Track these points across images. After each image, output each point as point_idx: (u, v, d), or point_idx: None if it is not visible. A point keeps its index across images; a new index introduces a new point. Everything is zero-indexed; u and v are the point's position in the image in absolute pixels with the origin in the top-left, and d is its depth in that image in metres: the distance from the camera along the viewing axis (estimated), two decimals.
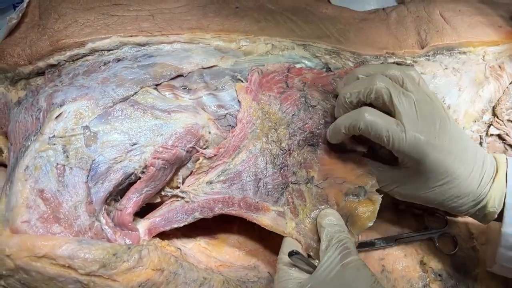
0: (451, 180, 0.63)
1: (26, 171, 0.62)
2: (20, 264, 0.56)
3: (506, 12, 0.88)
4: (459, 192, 0.64)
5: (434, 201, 0.66)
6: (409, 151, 0.61)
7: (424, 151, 0.60)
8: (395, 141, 0.60)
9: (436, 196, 0.65)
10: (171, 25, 0.75)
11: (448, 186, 0.63)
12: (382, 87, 0.61)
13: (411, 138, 0.60)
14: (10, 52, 0.73)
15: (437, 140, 0.61)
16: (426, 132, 0.61)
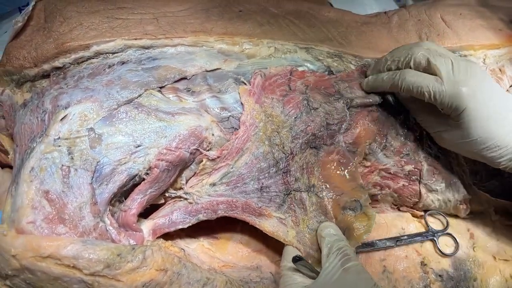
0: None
1: (31, 173, 0.62)
2: (25, 264, 0.56)
3: (506, 16, 0.88)
4: (499, 142, 0.65)
5: (475, 149, 0.67)
6: (449, 102, 0.65)
7: (463, 101, 0.64)
8: (436, 94, 0.65)
9: (476, 145, 0.66)
10: (175, 28, 0.75)
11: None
12: (420, 53, 0.68)
13: (450, 89, 0.65)
14: (16, 54, 0.73)
15: (477, 92, 0.64)
16: (464, 83, 0.64)
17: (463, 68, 0.65)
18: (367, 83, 0.74)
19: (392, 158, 0.73)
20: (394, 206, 0.79)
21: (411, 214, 0.79)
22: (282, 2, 0.86)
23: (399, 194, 0.76)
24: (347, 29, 0.85)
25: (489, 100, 0.64)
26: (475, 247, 0.76)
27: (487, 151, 0.66)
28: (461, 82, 0.64)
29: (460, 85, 0.64)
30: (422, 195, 0.76)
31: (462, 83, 0.64)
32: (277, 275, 0.68)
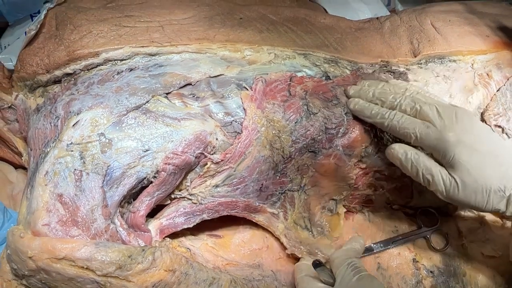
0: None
1: (46, 176, 0.61)
2: (41, 265, 0.56)
3: (493, 22, 0.88)
4: (492, 186, 0.61)
5: (468, 197, 0.63)
6: (436, 145, 0.62)
7: (450, 147, 0.61)
8: (423, 135, 0.63)
9: (470, 192, 0.62)
10: (180, 36, 0.74)
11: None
12: (407, 101, 0.67)
13: (437, 133, 0.62)
14: (29, 61, 0.72)
15: (464, 137, 0.62)
16: (450, 129, 0.62)
17: (449, 113, 0.64)
18: (354, 107, 0.71)
19: (386, 160, 0.73)
20: (387, 205, 0.78)
21: (403, 212, 0.79)
22: (280, 9, 0.85)
23: (392, 194, 0.76)
24: (342, 35, 0.84)
25: (477, 144, 0.62)
26: (464, 243, 0.76)
27: (475, 201, 0.62)
28: (447, 127, 0.62)
29: (446, 131, 0.62)
30: (414, 194, 0.76)
31: (449, 128, 0.62)
32: (278, 273, 0.68)
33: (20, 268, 0.57)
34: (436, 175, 0.62)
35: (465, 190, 0.61)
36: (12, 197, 0.73)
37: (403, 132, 0.65)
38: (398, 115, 0.66)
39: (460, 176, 0.61)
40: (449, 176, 0.62)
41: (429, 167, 0.63)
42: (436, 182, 0.62)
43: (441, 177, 0.62)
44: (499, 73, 0.81)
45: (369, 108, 0.69)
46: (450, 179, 0.62)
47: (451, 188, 0.62)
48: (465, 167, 0.61)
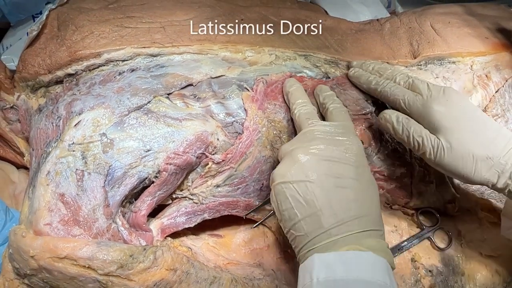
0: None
1: (47, 176, 0.61)
2: (43, 265, 0.56)
3: (492, 24, 0.88)
4: (476, 157, 0.60)
5: (452, 165, 0.62)
6: (422, 113, 0.64)
7: (435, 118, 0.62)
8: (410, 102, 0.65)
9: (454, 161, 0.62)
10: (181, 37, 0.74)
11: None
12: (402, 74, 0.70)
13: (423, 102, 0.64)
14: (31, 62, 0.72)
15: (450, 110, 0.62)
16: (437, 101, 0.63)
17: (438, 88, 0.65)
18: (352, 74, 0.74)
19: (386, 161, 0.73)
20: (387, 205, 0.78)
21: (403, 212, 0.79)
22: (281, 10, 0.85)
23: (391, 194, 0.76)
24: (343, 36, 0.84)
25: (462, 118, 0.62)
26: (463, 243, 0.76)
27: (462, 168, 0.61)
28: (434, 97, 0.64)
29: (432, 99, 0.63)
30: (413, 195, 0.76)
31: (434, 98, 0.64)
32: (278, 272, 0.68)
33: (22, 267, 0.57)
34: (425, 136, 0.63)
35: (452, 153, 0.61)
36: (14, 196, 0.73)
37: (393, 98, 0.67)
38: (391, 84, 0.69)
39: (446, 139, 0.61)
40: (437, 139, 0.62)
41: (418, 130, 0.63)
42: (425, 143, 0.62)
43: (429, 139, 0.62)
44: (498, 75, 0.81)
45: (366, 75, 0.72)
46: (437, 141, 0.62)
47: (438, 150, 0.62)
48: (450, 131, 0.61)
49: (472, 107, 0.64)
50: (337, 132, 0.61)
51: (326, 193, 0.55)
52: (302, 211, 0.55)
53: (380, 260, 0.52)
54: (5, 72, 0.77)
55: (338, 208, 0.55)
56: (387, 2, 1.18)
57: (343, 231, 0.54)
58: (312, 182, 0.56)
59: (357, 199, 0.56)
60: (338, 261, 0.52)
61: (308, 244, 0.55)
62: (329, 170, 0.57)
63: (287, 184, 0.57)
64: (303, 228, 0.55)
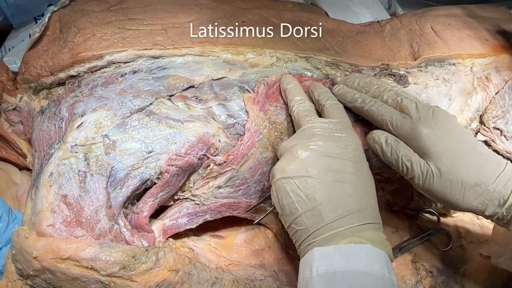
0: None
1: (50, 178, 0.62)
2: (46, 265, 0.56)
3: (492, 26, 0.88)
4: (465, 184, 0.60)
5: (440, 192, 0.62)
6: (410, 135, 0.63)
7: (423, 141, 0.61)
8: (398, 123, 0.64)
9: (441, 187, 0.61)
10: (183, 39, 0.74)
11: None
12: (390, 92, 0.68)
13: (411, 124, 0.63)
14: (33, 64, 0.72)
15: (437, 133, 0.62)
16: (425, 123, 0.62)
17: (427, 109, 0.64)
18: (337, 91, 0.71)
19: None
20: (387, 206, 0.79)
21: (403, 213, 0.79)
22: (282, 12, 0.86)
23: (392, 196, 0.76)
24: (344, 38, 0.84)
25: (451, 143, 0.61)
26: (463, 244, 0.76)
27: (451, 195, 0.61)
28: (422, 120, 0.62)
29: (421, 122, 0.62)
30: (413, 197, 0.76)
31: (423, 121, 0.62)
32: (279, 273, 0.68)
33: (25, 268, 0.58)
34: (414, 160, 0.62)
35: (441, 179, 0.60)
36: (17, 198, 0.74)
37: (380, 119, 0.66)
38: (378, 103, 0.67)
39: (435, 164, 0.60)
40: (426, 164, 0.61)
41: (408, 154, 0.63)
42: (414, 168, 0.62)
43: (419, 163, 0.62)
44: (498, 76, 0.81)
45: (351, 93, 0.70)
46: (427, 166, 0.61)
47: (427, 176, 0.61)
48: (439, 157, 0.60)
49: (461, 130, 0.64)
50: (335, 129, 0.62)
51: (326, 188, 0.56)
52: (303, 206, 0.56)
53: (379, 252, 0.53)
54: (7, 74, 0.77)
55: (338, 202, 0.56)
56: (388, 4, 1.18)
57: (343, 225, 0.55)
58: (312, 177, 0.57)
59: (356, 193, 0.57)
60: (338, 254, 0.53)
61: (308, 238, 0.56)
62: (328, 166, 0.58)
63: (288, 179, 0.58)
64: (304, 222, 0.56)
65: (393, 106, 0.67)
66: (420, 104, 0.65)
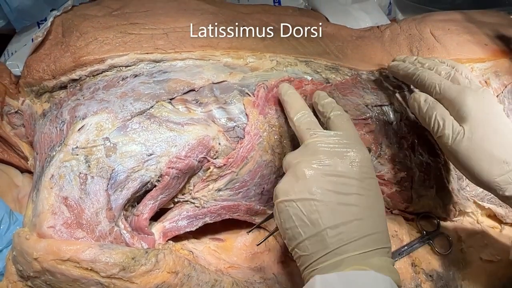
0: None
1: (51, 180, 0.62)
2: (46, 267, 0.56)
3: (491, 31, 0.88)
4: (494, 159, 0.60)
5: (466, 159, 0.61)
6: (455, 99, 0.63)
7: (467, 108, 0.62)
8: (446, 87, 0.64)
9: (470, 155, 0.61)
10: (184, 43, 0.75)
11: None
12: (444, 66, 0.70)
13: (459, 91, 0.63)
14: (36, 67, 0.73)
15: (481, 106, 0.62)
16: (473, 94, 0.63)
17: (478, 86, 0.65)
18: (392, 64, 0.75)
19: (386, 165, 0.73)
20: (387, 210, 0.78)
21: (403, 217, 0.79)
22: (283, 17, 0.86)
23: (392, 198, 0.76)
24: (343, 43, 0.85)
25: (492, 117, 0.61)
26: (463, 248, 0.76)
27: (476, 162, 0.60)
28: (472, 92, 0.62)
29: (468, 92, 0.62)
30: (413, 199, 0.76)
31: (471, 91, 0.63)
32: (279, 276, 0.68)
33: (25, 269, 0.58)
34: (448, 119, 0.62)
35: (471, 143, 0.60)
36: (18, 200, 0.74)
37: (429, 83, 0.67)
38: (430, 72, 0.69)
39: (469, 127, 0.60)
40: (460, 126, 0.62)
41: (443, 113, 0.63)
42: (446, 125, 0.62)
43: (452, 122, 0.62)
44: (497, 81, 0.81)
45: (404, 65, 0.73)
46: (459, 127, 0.61)
47: (457, 136, 0.61)
48: (477, 124, 0.60)
49: (503, 114, 0.63)
50: (341, 143, 0.58)
51: (330, 212, 0.53)
52: (306, 231, 0.54)
53: (383, 278, 0.50)
54: (10, 78, 0.78)
55: (343, 228, 0.53)
56: (388, 10, 1.19)
57: (348, 251, 0.52)
58: (316, 200, 0.54)
59: (362, 217, 0.54)
60: (339, 282, 0.50)
61: (312, 264, 0.54)
62: (333, 187, 0.55)
63: (291, 203, 0.55)
64: (307, 248, 0.54)
65: (446, 77, 0.68)
66: (473, 81, 0.66)
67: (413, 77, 0.70)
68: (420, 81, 0.68)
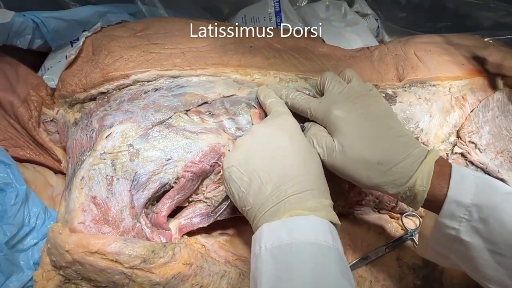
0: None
1: (82, 181, 0.61)
2: (76, 258, 0.56)
3: (468, 52, 0.87)
4: (369, 164, 0.56)
5: (347, 169, 0.57)
6: (323, 119, 0.61)
7: (334, 122, 0.59)
8: (313, 111, 0.62)
9: (348, 164, 0.57)
10: (198, 61, 0.74)
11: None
12: (325, 76, 0.67)
13: (324, 108, 0.61)
14: (69, 82, 0.73)
15: (349, 115, 0.58)
16: (337, 106, 0.60)
17: (347, 92, 0.61)
18: (259, 92, 0.70)
19: None
20: (375, 210, 0.78)
21: (389, 216, 0.78)
22: (284, 39, 0.85)
23: (379, 200, 0.75)
24: (338, 62, 0.84)
25: (358, 125, 0.57)
26: None
27: (353, 171, 0.57)
28: (336, 106, 0.59)
29: (332, 110, 0.59)
30: (398, 201, 0.75)
31: (337, 105, 0.60)
32: None
33: (58, 260, 0.58)
34: (320, 137, 0.59)
35: (343, 154, 0.56)
36: (52, 198, 0.73)
37: (301, 109, 0.64)
38: (300, 97, 0.65)
39: (338, 141, 0.57)
40: (332, 140, 0.58)
41: (316, 132, 0.61)
42: (318, 144, 0.59)
43: (324, 140, 0.58)
44: (473, 97, 0.80)
45: (279, 89, 0.68)
46: (332, 142, 0.58)
47: (330, 152, 0.57)
48: (343, 135, 0.57)
49: (380, 114, 0.59)
50: (272, 117, 0.61)
51: (264, 166, 0.54)
52: (247, 187, 0.54)
53: (322, 221, 0.50)
54: (46, 90, 0.77)
55: (275, 176, 0.53)
56: (376, 32, 1.18)
57: (282, 196, 0.52)
58: (251, 159, 0.55)
59: (292, 164, 0.54)
60: (283, 227, 0.49)
61: (256, 215, 0.53)
62: (265, 146, 0.55)
63: (231, 168, 0.55)
64: (249, 202, 0.53)
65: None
66: (345, 88, 0.63)
67: (288, 104, 0.66)
68: (292, 106, 0.66)
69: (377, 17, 1.21)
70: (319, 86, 0.68)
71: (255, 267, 0.49)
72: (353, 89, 0.62)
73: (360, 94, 0.61)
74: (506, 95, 0.82)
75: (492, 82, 0.83)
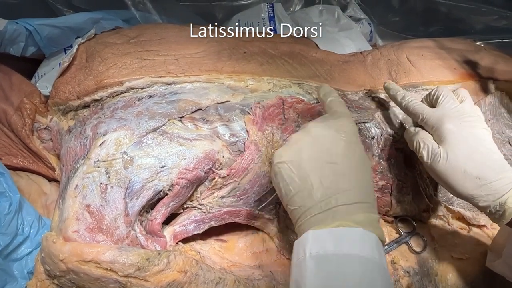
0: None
1: (76, 189, 0.61)
2: (71, 267, 0.56)
3: (460, 56, 0.88)
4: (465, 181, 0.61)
5: (446, 177, 0.63)
6: (434, 127, 0.65)
7: (443, 133, 0.63)
8: (425, 116, 0.66)
9: (449, 174, 0.62)
10: (192, 68, 0.74)
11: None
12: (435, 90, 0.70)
13: (438, 118, 0.65)
14: (62, 89, 0.72)
15: (458, 131, 0.63)
16: (451, 120, 0.64)
17: (459, 110, 0.65)
18: (387, 85, 0.75)
19: None
20: None
21: (384, 220, 0.78)
22: (278, 44, 0.85)
23: None
24: (331, 67, 0.84)
25: (466, 140, 0.62)
26: (436, 247, 0.75)
27: (452, 179, 0.62)
28: (449, 118, 0.64)
29: (445, 121, 0.64)
30: (392, 204, 0.75)
31: (449, 119, 0.64)
32: (275, 273, 0.67)
33: (52, 269, 0.57)
34: (428, 142, 0.64)
35: (446, 161, 0.61)
36: (46, 206, 0.73)
37: (414, 112, 0.68)
38: (414, 101, 0.69)
39: (445, 149, 0.62)
40: (438, 147, 0.63)
41: (424, 136, 0.65)
42: (426, 147, 0.64)
43: (431, 145, 0.63)
44: None
45: (397, 89, 0.73)
46: (437, 148, 0.63)
47: (435, 156, 0.63)
48: (451, 145, 0.62)
49: (481, 136, 0.64)
50: (331, 117, 0.58)
51: (317, 169, 0.52)
52: (296, 187, 0.53)
53: (370, 235, 0.49)
54: (40, 98, 0.77)
55: (326, 182, 0.52)
56: (369, 36, 1.19)
57: (331, 204, 0.50)
58: (304, 159, 0.53)
59: (344, 173, 0.52)
60: (330, 237, 0.49)
61: (301, 217, 0.52)
62: (320, 148, 0.54)
63: (283, 164, 0.54)
64: (296, 202, 0.52)
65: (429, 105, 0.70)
66: (458, 106, 0.66)
67: (401, 105, 0.71)
68: (406, 108, 0.70)
69: (370, 22, 1.21)
70: (431, 97, 0.70)
71: (300, 273, 0.49)
72: (464, 109, 0.66)
73: (470, 115, 0.65)
74: (497, 98, 0.82)
75: (484, 86, 0.83)
